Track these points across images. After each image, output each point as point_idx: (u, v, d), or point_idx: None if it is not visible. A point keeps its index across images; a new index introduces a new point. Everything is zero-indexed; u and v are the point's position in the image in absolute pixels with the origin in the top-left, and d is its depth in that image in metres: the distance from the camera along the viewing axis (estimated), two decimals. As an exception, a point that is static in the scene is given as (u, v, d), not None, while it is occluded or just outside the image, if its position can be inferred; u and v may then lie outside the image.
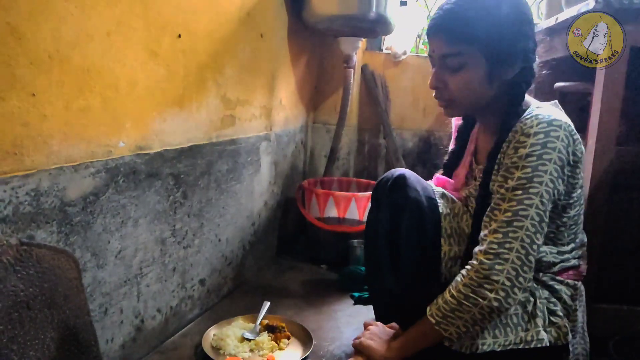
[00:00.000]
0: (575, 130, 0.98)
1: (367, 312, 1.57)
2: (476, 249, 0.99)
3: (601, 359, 1.22)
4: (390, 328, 1.20)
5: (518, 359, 1.05)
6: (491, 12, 1.00)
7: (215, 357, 1.25)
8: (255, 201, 1.86)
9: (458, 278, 1.01)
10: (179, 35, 1.27)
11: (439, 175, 1.28)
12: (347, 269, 1.84)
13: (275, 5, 1.90)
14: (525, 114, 1.01)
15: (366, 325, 1.24)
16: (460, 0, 1.01)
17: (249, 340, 1.34)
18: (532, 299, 1.05)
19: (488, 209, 1.01)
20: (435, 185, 1.24)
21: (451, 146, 1.29)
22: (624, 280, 1.33)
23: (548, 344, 1.03)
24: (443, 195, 1.18)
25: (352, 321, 1.56)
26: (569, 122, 0.99)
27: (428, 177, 1.30)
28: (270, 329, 1.39)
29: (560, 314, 1.05)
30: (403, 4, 2.42)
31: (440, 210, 1.13)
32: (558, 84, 1.62)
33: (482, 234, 1.00)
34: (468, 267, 0.99)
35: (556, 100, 1.10)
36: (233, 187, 1.65)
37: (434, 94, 1.09)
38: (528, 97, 1.08)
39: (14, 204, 0.87)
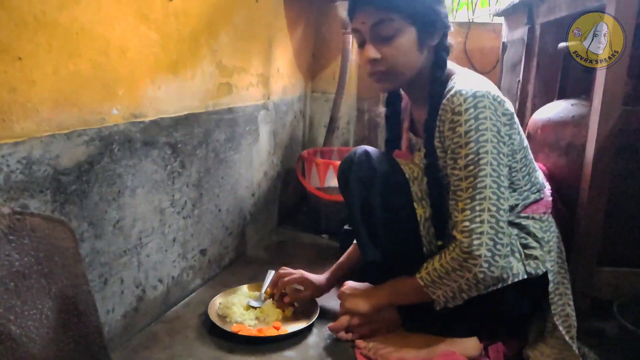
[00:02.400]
0: (496, 93, 1.03)
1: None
2: (453, 231, 1.03)
3: (605, 321, 1.22)
4: None
5: (503, 298, 1.08)
6: None
7: (221, 325, 1.25)
8: (255, 171, 1.83)
9: (447, 249, 1.04)
10: (171, -2, 1.23)
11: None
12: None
13: (270, -31, 1.84)
14: (449, 88, 1.05)
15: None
16: None
17: (255, 308, 1.34)
18: None
19: (451, 192, 1.04)
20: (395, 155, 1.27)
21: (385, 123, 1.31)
22: (629, 243, 1.31)
23: (526, 276, 1.07)
24: (406, 163, 1.20)
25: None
26: (489, 87, 1.03)
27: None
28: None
29: (534, 245, 1.09)
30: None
31: (407, 176, 1.16)
32: (562, 44, 1.58)
33: (452, 216, 1.03)
34: (452, 244, 1.03)
35: (465, 68, 1.14)
36: (232, 157, 1.63)
37: (368, 69, 1.11)
38: (450, 64, 1.13)
39: (5, 172, 0.84)
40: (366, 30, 1.07)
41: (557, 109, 1.49)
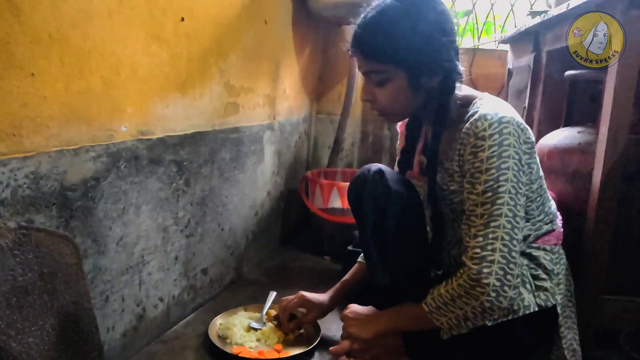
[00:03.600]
0: (520, 120, 1.02)
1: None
2: (463, 256, 1.01)
3: (612, 351, 1.20)
4: None
5: (510, 329, 1.06)
6: (405, 29, 1.01)
7: (221, 346, 1.24)
8: (259, 191, 1.83)
9: (455, 275, 1.02)
10: (182, 19, 1.24)
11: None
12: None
13: (279, -8, 1.87)
14: (472, 112, 1.03)
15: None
16: (374, 18, 1.02)
17: (256, 329, 1.32)
18: None
19: (465, 217, 1.03)
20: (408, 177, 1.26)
21: (400, 144, 1.29)
22: (635, 272, 1.30)
23: (537, 309, 1.05)
24: (419, 185, 1.19)
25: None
26: (513, 113, 1.02)
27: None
28: (278, 319, 1.37)
29: (545, 276, 1.08)
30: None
31: (422, 198, 1.15)
32: (568, 73, 1.59)
33: (464, 241, 1.02)
34: (461, 270, 1.01)
35: (486, 93, 1.12)
36: (236, 176, 1.63)
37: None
38: (468, 89, 1.11)
39: (13, 187, 0.84)
40: (361, 73, 1.10)
41: (563, 136, 1.50)
